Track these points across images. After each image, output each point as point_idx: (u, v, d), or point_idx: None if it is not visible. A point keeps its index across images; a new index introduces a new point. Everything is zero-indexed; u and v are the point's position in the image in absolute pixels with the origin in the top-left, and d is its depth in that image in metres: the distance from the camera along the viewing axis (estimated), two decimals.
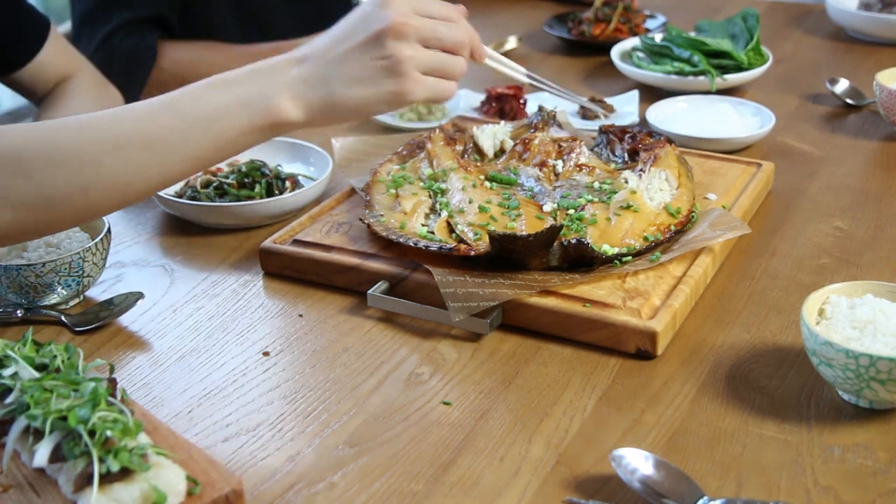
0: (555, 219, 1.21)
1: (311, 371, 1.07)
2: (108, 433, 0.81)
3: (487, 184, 1.30)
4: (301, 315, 1.17)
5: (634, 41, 1.91)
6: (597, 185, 1.27)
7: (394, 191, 1.29)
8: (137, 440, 0.83)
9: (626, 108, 1.70)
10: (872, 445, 0.92)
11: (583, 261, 1.13)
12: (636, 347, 1.06)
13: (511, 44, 2.06)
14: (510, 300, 1.09)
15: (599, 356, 1.06)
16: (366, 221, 1.23)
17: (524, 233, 1.16)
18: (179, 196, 1.37)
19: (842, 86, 1.72)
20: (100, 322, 1.15)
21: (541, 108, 1.47)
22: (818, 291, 1.01)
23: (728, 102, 1.62)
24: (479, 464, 0.92)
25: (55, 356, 0.92)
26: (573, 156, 1.33)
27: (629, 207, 1.20)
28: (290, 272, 1.23)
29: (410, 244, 1.16)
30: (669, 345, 1.07)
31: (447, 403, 1.00)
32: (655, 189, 1.25)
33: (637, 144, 1.35)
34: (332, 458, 0.94)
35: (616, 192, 1.24)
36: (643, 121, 1.63)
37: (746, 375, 1.03)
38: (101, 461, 0.79)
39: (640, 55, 1.86)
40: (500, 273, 1.13)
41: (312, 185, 1.37)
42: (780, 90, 1.79)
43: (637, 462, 0.87)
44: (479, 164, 1.37)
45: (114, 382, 0.91)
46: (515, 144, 1.39)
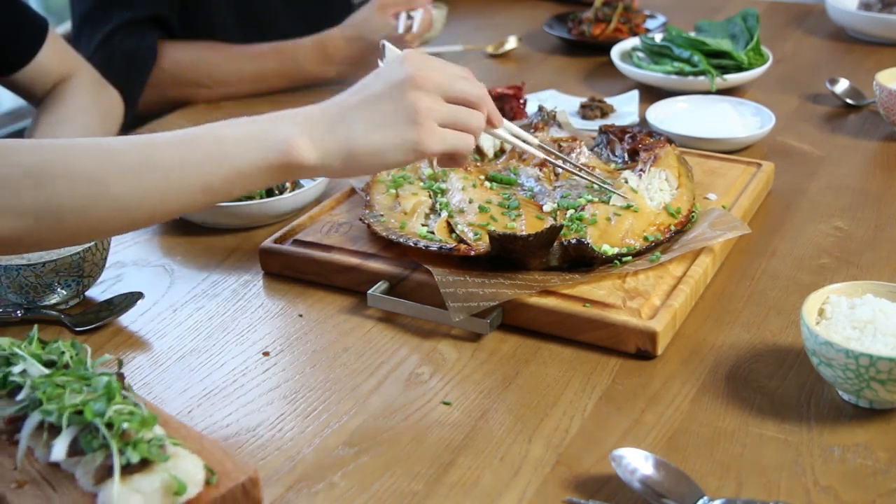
0: (555, 219, 1.21)
1: (311, 371, 1.07)
2: (125, 426, 0.82)
3: (487, 184, 1.30)
4: (301, 315, 1.17)
5: (634, 41, 1.91)
6: (596, 186, 1.27)
7: (394, 191, 1.29)
8: (153, 432, 0.84)
9: (626, 108, 1.70)
10: (872, 445, 0.92)
11: (583, 261, 1.13)
12: (636, 347, 1.06)
13: (511, 44, 2.06)
14: (510, 300, 1.09)
15: (599, 356, 1.06)
16: (366, 221, 1.23)
17: (524, 233, 1.16)
18: None
19: (842, 86, 1.72)
20: (100, 322, 1.15)
21: (541, 108, 1.47)
22: (818, 291, 1.01)
23: (728, 102, 1.62)
24: (479, 464, 0.92)
25: (63, 353, 0.92)
26: (573, 156, 1.33)
27: (629, 207, 1.20)
28: (290, 272, 1.23)
29: (410, 244, 1.16)
30: (669, 345, 1.07)
31: (447, 403, 1.00)
32: (655, 189, 1.25)
33: (637, 144, 1.35)
34: (332, 458, 0.94)
35: (607, 183, 1.24)
36: (643, 121, 1.63)
37: (746, 375, 1.03)
38: (121, 453, 0.80)
39: (640, 55, 1.86)
40: (500, 273, 1.13)
41: (312, 185, 1.37)
42: (780, 90, 1.79)
43: (637, 462, 0.87)
44: (479, 164, 1.37)
45: (122, 377, 0.92)
46: None
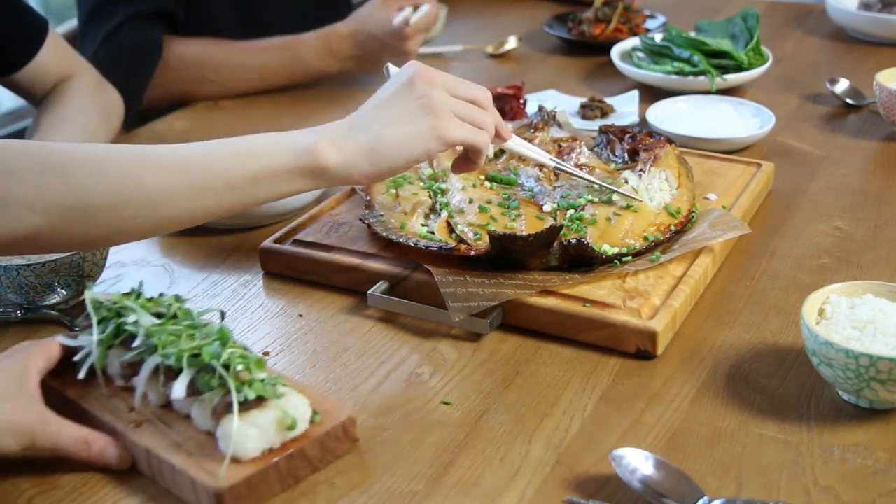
0: (555, 219, 1.21)
1: (311, 371, 1.07)
2: (239, 367, 0.88)
3: (487, 184, 1.30)
4: (301, 315, 1.17)
5: (634, 41, 1.91)
6: (597, 186, 1.27)
7: (394, 191, 1.29)
8: (264, 372, 0.90)
9: (626, 108, 1.70)
10: (872, 445, 0.92)
11: (583, 261, 1.13)
12: (636, 347, 1.06)
13: (511, 44, 2.06)
14: (510, 300, 1.09)
15: (599, 356, 1.06)
16: (366, 221, 1.23)
17: (524, 233, 1.16)
18: None
19: (842, 86, 1.72)
20: None
21: (541, 108, 1.47)
22: (818, 291, 1.01)
23: (728, 102, 1.62)
24: (479, 464, 0.92)
25: (170, 305, 0.98)
26: (573, 156, 1.33)
27: (629, 207, 1.20)
28: (290, 272, 1.23)
29: (410, 244, 1.16)
30: (669, 345, 1.07)
31: (447, 403, 1.00)
32: (655, 189, 1.25)
33: (637, 144, 1.35)
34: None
35: (615, 188, 1.24)
36: (643, 121, 1.63)
37: (746, 375, 1.03)
38: (238, 391, 0.86)
39: (640, 55, 1.86)
40: (500, 273, 1.13)
41: None
42: (780, 90, 1.79)
43: (637, 462, 0.87)
44: None
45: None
46: None
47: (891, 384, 0.92)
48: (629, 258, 1.14)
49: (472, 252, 1.12)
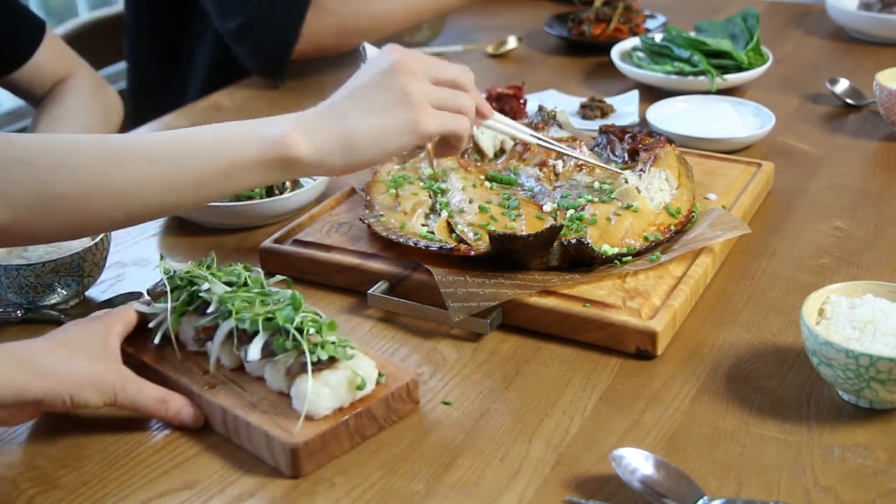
0: (555, 219, 1.21)
1: None
2: (311, 330, 0.93)
3: (487, 184, 1.30)
4: None
5: (634, 41, 1.91)
6: (597, 185, 1.27)
7: (394, 191, 1.29)
8: (335, 335, 0.94)
9: (626, 108, 1.70)
10: (872, 445, 0.92)
11: (583, 261, 1.13)
12: (636, 347, 1.06)
13: (511, 44, 2.06)
14: (510, 300, 1.09)
15: (599, 356, 1.06)
16: (366, 221, 1.23)
17: (524, 233, 1.16)
18: None
19: (842, 86, 1.72)
20: None
21: (541, 108, 1.47)
22: (818, 291, 1.01)
23: (728, 102, 1.62)
24: (479, 464, 0.92)
25: (240, 273, 1.03)
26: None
27: (629, 207, 1.20)
28: (290, 272, 1.23)
29: (410, 244, 1.16)
30: (669, 345, 1.07)
31: (447, 403, 1.00)
32: (655, 189, 1.25)
33: (637, 144, 1.35)
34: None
35: (616, 193, 1.24)
36: (643, 121, 1.63)
37: (746, 375, 1.03)
38: (311, 353, 0.91)
39: (640, 55, 1.86)
40: (500, 273, 1.13)
41: (312, 185, 1.37)
42: (780, 90, 1.79)
43: (637, 462, 0.87)
44: (479, 164, 1.37)
45: None
46: (515, 144, 1.39)
47: (891, 384, 0.92)
48: (629, 258, 1.14)
49: (472, 252, 1.12)
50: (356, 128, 1.00)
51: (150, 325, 1.04)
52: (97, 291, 1.23)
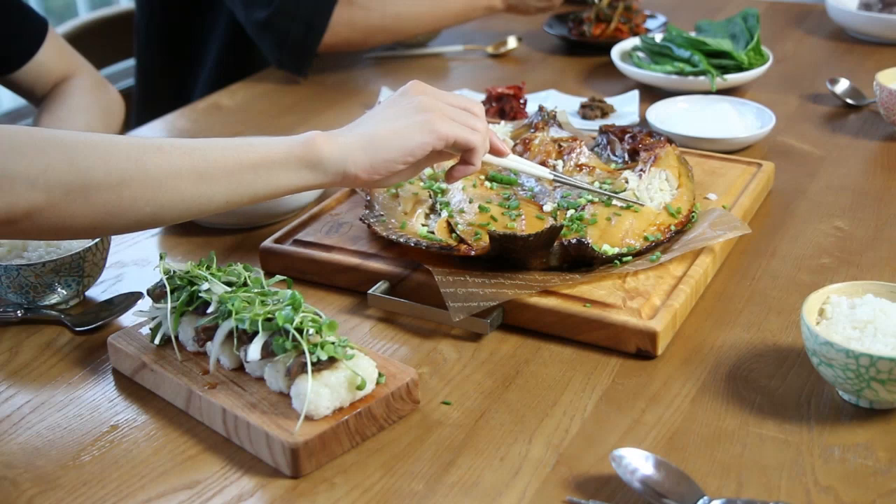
0: (555, 219, 1.21)
1: None
2: (311, 330, 0.93)
3: (487, 184, 1.30)
4: None
5: (635, 41, 1.91)
6: (597, 186, 1.27)
7: (394, 191, 1.29)
8: (335, 336, 0.95)
9: (626, 108, 1.70)
10: (872, 445, 0.92)
11: (583, 261, 1.13)
12: (636, 347, 1.06)
13: (511, 44, 2.06)
14: (510, 300, 1.09)
15: (599, 356, 1.06)
16: (366, 221, 1.23)
17: (524, 233, 1.16)
18: None
19: (842, 86, 1.72)
20: (100, 322, 1.15)
21: (541, 108, 1.47)
22: (818, 291, 1.01)
23: (728, 102, 1.62)
24: (479, 464, 0.92)
25: (240, 274, 1.04)
26: (573, 156, 1.33)
27: (629, 207, 1.20)
28: (290, 272, 1.23)
29: (410, 244, 1.16)
30: (669, 345, 1.07)
31: (447, 403, 1.00)
32: (655, 189, 1.25)
33: (637, 144, 1.35)
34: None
35: (616, 192, 1.24)
36: (643, 121, 1.63)
37: (746, 375, 1.03)
38: (310, 353, 0.91)
39: (641, 55, 1.86)
40: (501, 273, 1.13)
41: None
42: (780, 90, 1.79)
43: (637, 462, 0.87)
44: None
45: None
46: (516, 144, 1.39)
47: (891, 384, 0.92)
48: (629, 258, 1.14)
49: (473, 252, 1.12)
50: (378, 129, 1.06)
51: (150, 327, 1.05)
52: (97, 291, 1.23)
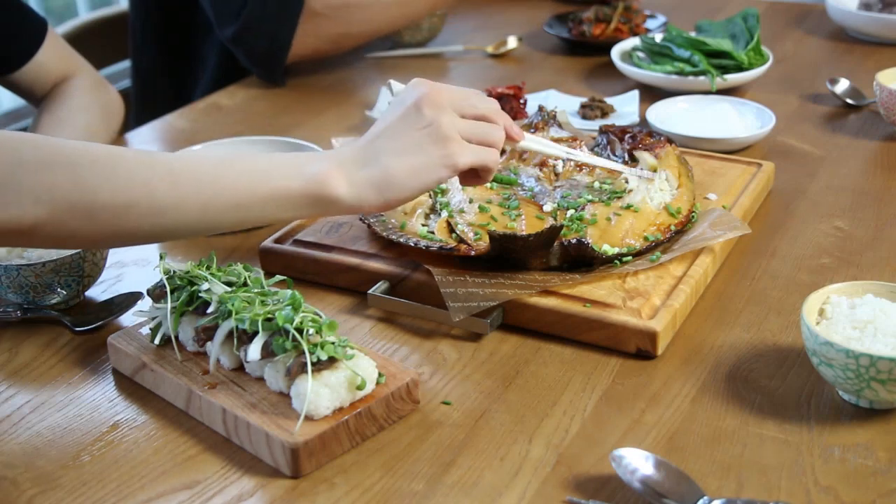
0: (555, 219, 1.21)
1: None
2: (311, 330, 0.93)
3: (487, 184, 1.30)
4: None
5: (635, 41, 1.91)
6: (597, 185, 1.27)
7: None
8: (335, 335, 0.95)
9: (626, 108, 1.70)
10: (872, 445, 0.92)
11: (583, 261, 1.13)
12: (636, 347, 1.06)
13: (511, 44, 2.06)
14: (510, 300, 1.09)
15: (599, 356, 1.06)
16: (366, 221, 1.23)
17: (524, 233, 1.16)
18: None
19: (842, 86, 1.72)
20: (100, 322, 1.15)
21: (541, 108, 1.47)
22: (818, 291, 1.01)
23: (728, 102, 1.62)
24: (479, 464, 0.92)
25: (240, 274, 1.04)
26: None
27: (629, 207, 1.20)
28: (291, 272, 1.23)
29: (410, 244, 1.16)
30: (669, 345, 1.07)
31: (447, 403, 1.00)
32: (655, 189, 1.25)
33: (637, 144, 1.35)
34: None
35: (616, 193, 1.24)
36: (643, 121, 1.63)
37: (746, 375, 1.03)
38: (310, 352, 0.91)
39: (641, 55, 1.86)
40: (501, 273, 1.13)
41: None
42: (781, 90, 1.79)
43: (637, 462, 0.87)
44: None
45: None
46: None
47: (891, 384, 0.92)
48: (629, 258, 1.14)
49: (473, 252, 1.12)
50: (391, 168, 1.00)
51: (150, 326, 1.05)
52: (97, 291, 1.23)
